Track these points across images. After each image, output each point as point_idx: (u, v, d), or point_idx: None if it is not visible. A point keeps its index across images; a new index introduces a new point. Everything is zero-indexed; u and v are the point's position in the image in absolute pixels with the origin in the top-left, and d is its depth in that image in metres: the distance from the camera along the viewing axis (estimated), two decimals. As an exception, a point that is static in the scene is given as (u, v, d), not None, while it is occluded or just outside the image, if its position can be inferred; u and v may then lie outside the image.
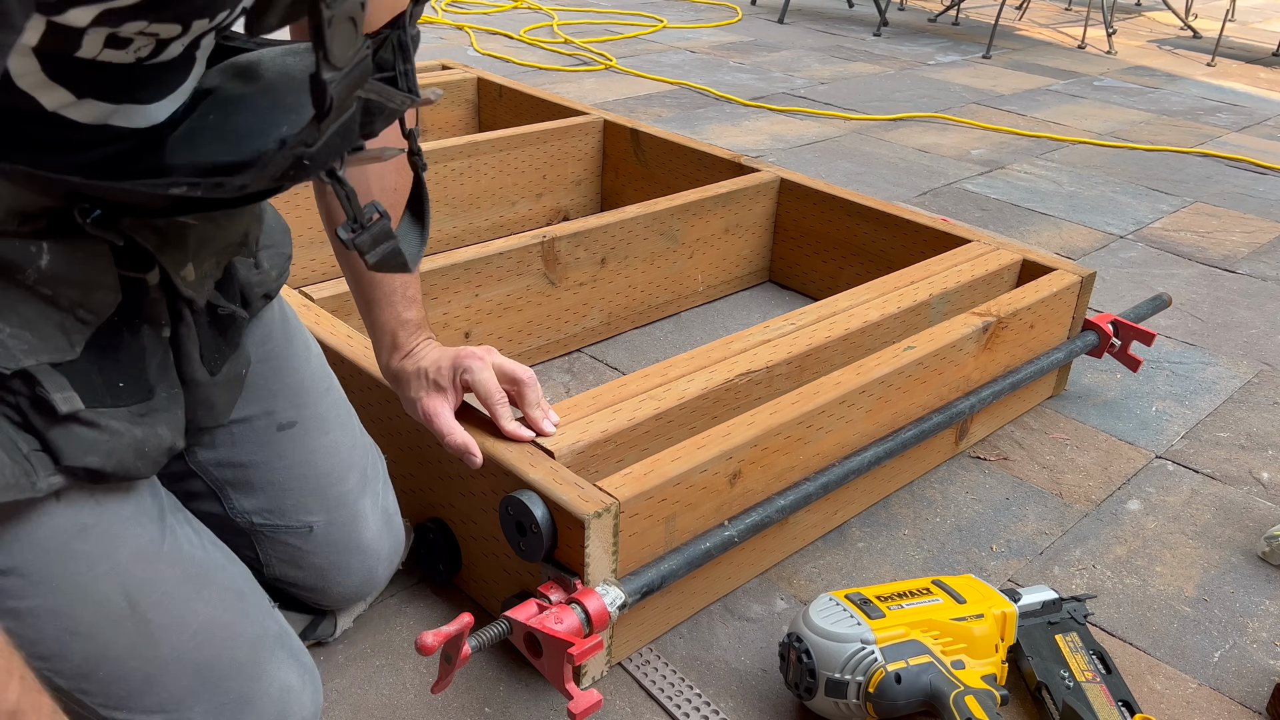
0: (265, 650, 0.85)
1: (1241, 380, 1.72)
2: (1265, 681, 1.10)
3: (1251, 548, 1.31)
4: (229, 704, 0.82)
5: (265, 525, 0.97)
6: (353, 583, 1.02)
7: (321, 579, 1.01)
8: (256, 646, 0.85)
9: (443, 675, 0.89)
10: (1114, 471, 1.45)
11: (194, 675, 0.81)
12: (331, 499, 0.99)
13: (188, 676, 0.80)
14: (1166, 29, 5.13)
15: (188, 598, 0.81)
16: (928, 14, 5.09)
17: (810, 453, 1.19)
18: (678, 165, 2.03)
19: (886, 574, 1.23)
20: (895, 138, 2.95)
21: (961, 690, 0.94)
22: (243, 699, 0.83)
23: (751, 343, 1.32)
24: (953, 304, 1.53)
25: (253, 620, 0.86)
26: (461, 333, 1.53)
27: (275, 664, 0.86)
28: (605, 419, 1.12)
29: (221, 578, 0.85)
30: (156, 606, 0.79)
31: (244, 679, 0.83)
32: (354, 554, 1.01)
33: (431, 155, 1.91)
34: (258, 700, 0.84)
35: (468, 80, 2.40)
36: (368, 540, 1.02)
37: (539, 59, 3.58)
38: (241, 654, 0.83)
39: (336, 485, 0.99)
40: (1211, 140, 3.11)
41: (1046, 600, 1.10)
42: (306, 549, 0.98)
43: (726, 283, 1.92)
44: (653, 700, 1.04)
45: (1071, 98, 3.56)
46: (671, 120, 2.97)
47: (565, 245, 1.62)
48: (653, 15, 4.53)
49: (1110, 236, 2.30)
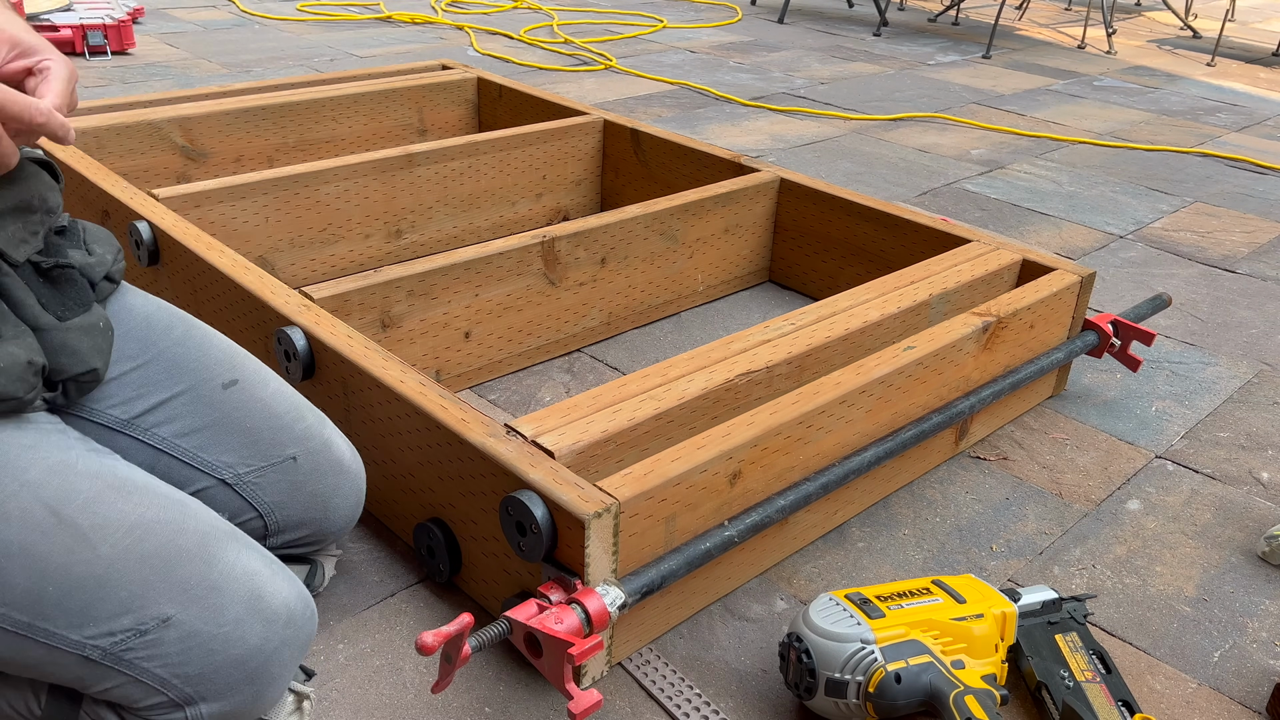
0: (215, 541, 0.84)
1: (1241, 380, 1.72)
2: (1265, 681, 1.10)
3: (1251, 548, 1.31)
4: (193, 589, 0.81)
5: (250, 471, 1.01)
6: (348, 505, 1.07)
7: (322, 507, 1.05)
8: (205, 538, 0.84)
9: (443, 675, 0.89)
10: (1114, 471, 1.45)
11: (143, 566, 0.80)
12: (299, 433, 1.03)
13: (136, 568, 0.80)
14: (1166, 29, 5.13)
15: (113, 500, 0.82)
16: (928, 14, 5.09)
17: (810, 453, 1.19)
18: (678, 165, 2.03)
19: (886, 574, 1.23)
20: (895, 138, 2.96)
21: (961, 690, 0.94)
22: (206, 583, 0.82)
23: (751, 343, 1.32)
24: (953, 304, 1.53)
25: (195, 517, 0.85)
26: (462, 333, 1.53)
27: (230, 553, 0.85)
28: (605, 419, 1.12)
29: (152, 487, 0.86)
30: (82, 510, 0.80)
31: (199, 565, 0.82)
32: (341, 475, 1.05)
33: (432, 155, 1.91)
34: (223, 584, 0.82)
35: (468, 80, 2.40)
36: (347, 462, 1.07)
37: (539, 59, 3.58)
38: (189, 543, 0.83)
39: (299, 422, 1.04)
40: (1211, 140, 3.11)
41: (1046, 600, 1.10)
42: (297, 479, 1.02)
43: (726, 283, 1.92)
44: (653, 700, 1.04)
45: (1071, 98, 3.56)
46: (671, 120, 2.97)
47: (565, 245, 1.62)
48: (653, 15, 4.53)
49: (1110, 236, 2.30)
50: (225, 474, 1.00)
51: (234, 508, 1.00)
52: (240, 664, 0.82)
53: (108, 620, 0.79)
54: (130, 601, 0.79)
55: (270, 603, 0.84)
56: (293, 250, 1.80)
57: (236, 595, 0.83)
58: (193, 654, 0.80)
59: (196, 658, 0.80)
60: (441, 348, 1.52)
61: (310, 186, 1.77)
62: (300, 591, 0.87)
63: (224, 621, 0.81)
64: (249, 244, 1.74)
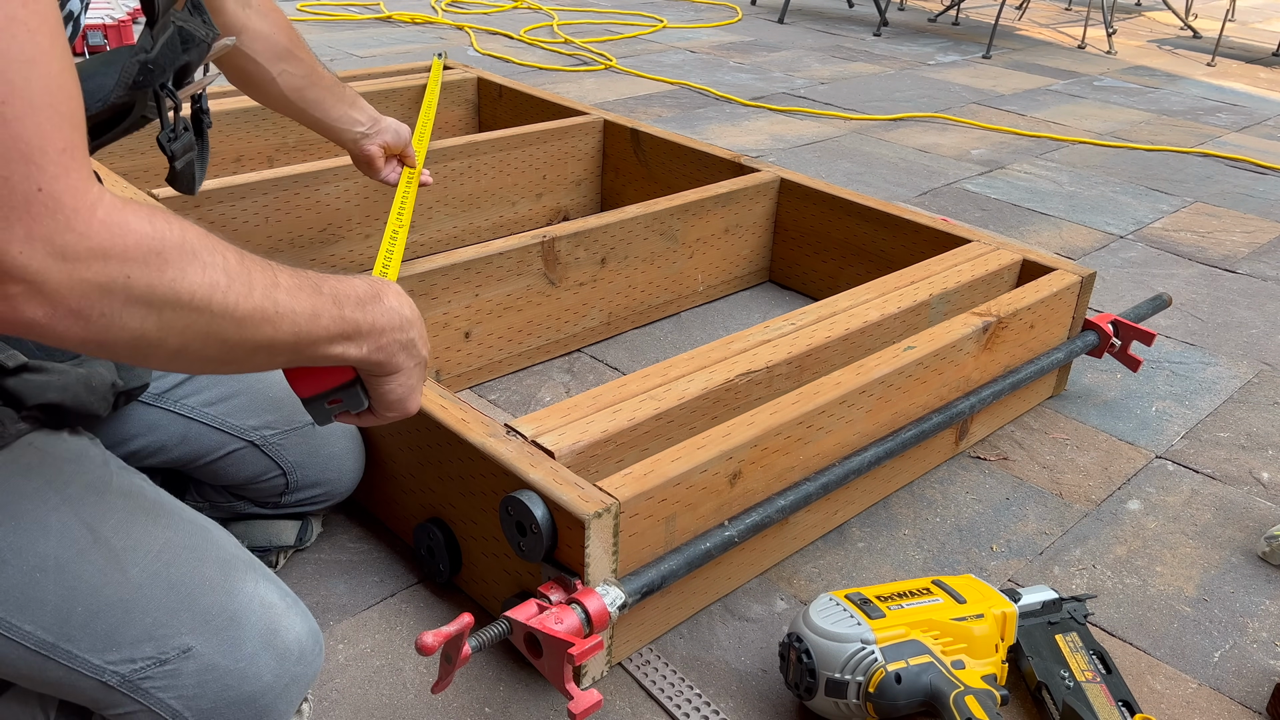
0: (236, 571, 0.85)
1: (1241, 380, 1.72)
2: (1265, 681, 1.10)
3: (1251, 548, 1.31)
4: (214, 620, 0.81)
5: (275, 434, 1.09)
6: (358, 465, 1.18)
7: (337, 469, 1.15)
8: (227, 566, 0.84)
9: (443, 675, 0.89)
10: (1114, 471, 1.45)
11: (169, 593, 0.80)
12: None
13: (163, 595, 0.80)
14: (1166, 29, 5.13)
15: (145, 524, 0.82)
16: (928, 14, 5.09)
17: (810, 453, 1.19)
18: (678, 165, 2.03)
19: (886, 574, 1.23)
20: (895, 138, 2.96)
21: (961, 690, 0.94)
22: (227, 615, 0.82)
23: (751, 343, 1.32)
24: (953, 304, 1.53)
25: (218, 545, 0.86)
26: (461, 333, 1.53)
27: (250, 582, 0.85)
28: (605, 419, 1.12)
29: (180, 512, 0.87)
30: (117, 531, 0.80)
31: (220, 595, 0.82)
32: (351, 440, 1.17)
33: (432, 155, 1.91)
34: (242, 615, 0.82)
35: (468, 80, 2.40)
36: (354, 430, 1.18)
37: (539, 59, 3.58)
38: (211, 572, 0.83)
39: None
40: (1211, 140, 3.11)
41: (1046, 600, 1.10)
42: (315, 444, 1.12)
43: (726, 283, 1.92)
44: (653, 700, 1.04)
45: (1071, 98, 3.56)
46: (671, 120, 2.97)
47: (565, 245, 1.62)
48: (653, 15, 4.53)
49: (1110, 236, 2.30)
50: (253, 436, 1.07)
51: (261, 466, 1.09)
52: (251, 701, 0.81)
53: (130, 646, 0.78)
54: (154, 629, 0.79)
55: (285, 638, 0.84)
56: (293, 250, 1.80)
57: (254, 629, 0.82)
58: (208, 687, 0.80)
59: (211, 692, 0.80)
60: (441, 348, 1.52)
61: (310, 186, 1.77)
62: (312, 627, 0.88)
63: (241, 656, 0.81)
64: (249, 244, 1.74)
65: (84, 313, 0.56)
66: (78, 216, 0.55)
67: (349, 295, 0.75)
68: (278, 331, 0.68)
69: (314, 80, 1.31)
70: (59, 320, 0.56)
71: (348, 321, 0.74)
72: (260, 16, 1.21)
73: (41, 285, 0.54)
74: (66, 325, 0.56)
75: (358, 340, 0.75)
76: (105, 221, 0.56)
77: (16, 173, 0.52)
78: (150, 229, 0.59)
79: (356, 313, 0.75)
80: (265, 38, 1.22)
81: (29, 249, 0.53)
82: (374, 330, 0.76)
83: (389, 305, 0.78)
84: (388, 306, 0.78)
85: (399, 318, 0.79)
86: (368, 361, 0.77)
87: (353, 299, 0.75)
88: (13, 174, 0.52)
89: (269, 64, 1.24)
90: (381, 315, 0.77)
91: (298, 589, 1.14)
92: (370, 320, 0.76)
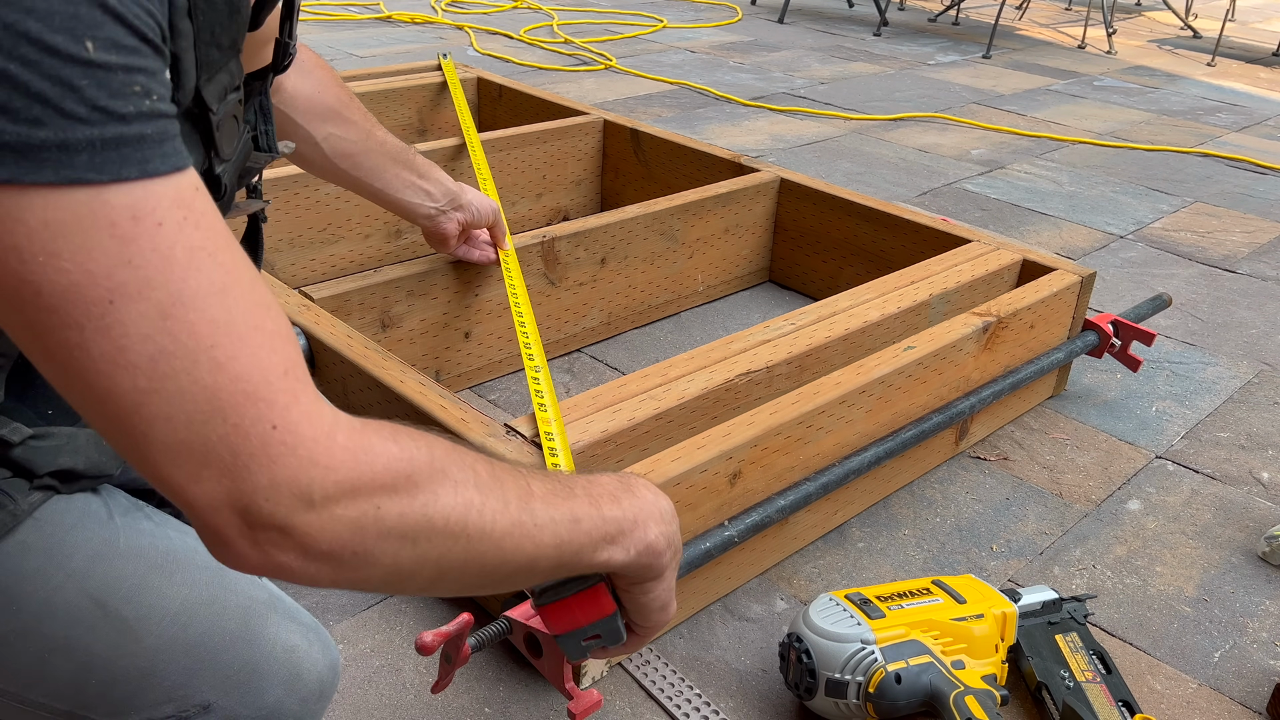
0: (256, 617, 0.83)
1: (1241, 380, 1.72)
2: (1265, 681, 1.10)
3: (1251, 548, 1.31)
4: (235, 675, 0.80)
5: None
6: None
7: None
8: (246, 615, 0.82)
9: (443, 675, 0.89)
10: (1114, 471, 1.45)
11: (187, 656, 0.78)
12: None
13: (181, 659, 0.78)
14: (1166, 29, 5.13)
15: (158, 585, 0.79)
16: (928, 14, 5.09)
17: (810, 453, 1.19)
18: (678, 165, 2.03)
19: (886, 574, 1.23)
20: (895, 138, 2.96)
21: (961, 690, 0.94)
22: (248, 667, 0.80)
23: (751, 343, 1.32)
24: (953, 304, 1.53)
25: (236, 591, 0.83)
26: (462, 333, 1.53)
27: (271, 628, 0.83)
28: (605, 419, 1.12)
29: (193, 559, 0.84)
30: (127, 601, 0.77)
31: (241, 647, 0.81)
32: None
33: (432, 155, 1.91)
34: (264, 665, 0.81)
35: (468, 80, 2.40)
36: None
37: (539, 59, 3.58)
38: (231, 625, 0.81)
39: None
40: (1211, 140, 3.11)
41: (1046, 600, 1.10)
42: None
43: (726, 283, 1.92)
44: (653, 700, 1.04)
45: (1071, 98, 3.56)
46: (671, 120, 2.97)
47: (565, 245, 1.62)
48: (653, 15, 4.53)
49: (1110, 236, 2.30)
50: None
51: None
52: None
53: (149, 709, 0.77)
54: (173, 690, 0.77)
55: (306, 680, 0.83)
56: (293, 250, 1.79)
57: (276, 677, 0.81)
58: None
59: None
60: (441, 348, 1.51)
61: (310, 186, 1.77)
62: (332, 660, 0.86)
63: (263, 705, 0.80)
64: (249, 244, 1.74)
65: (336, 555, 0.52)
66: (319, 447, 0.50)
67: (603, 493, 0.68)
68: (539, 547, 0.62)
69: (370, 146, 1.19)
70: (310, 564, 0.52)
71: (609, 521, 0.67)
72: (301, 75, 1.09)
73: (290, 530, 0.50)
74: (317, 568, 0.52)
75: (622, 542, 0.68)
76: (348, 448, 0.51)
77: (247, 417, 0.48)
78: (398, 450, 0.54)
79: (615, 510, 0.68)
80: (307, 96, 1.11)
81: (275, 495, 0.49)
82: (635, 527, 0.69)
83: (645, 499, 0.71)
84: (644, 500, 0.71)
85: (657, 510, 0.71)
86: (634, 566, 0.70)
87: (607, 495, 0.68)
88: (243, 419, 0.48)
89: (310, 125, 1.13)
90: (640, 509, 0.70)
91: (298, 589, 1.14)
92: (630, 517, 0.69)
